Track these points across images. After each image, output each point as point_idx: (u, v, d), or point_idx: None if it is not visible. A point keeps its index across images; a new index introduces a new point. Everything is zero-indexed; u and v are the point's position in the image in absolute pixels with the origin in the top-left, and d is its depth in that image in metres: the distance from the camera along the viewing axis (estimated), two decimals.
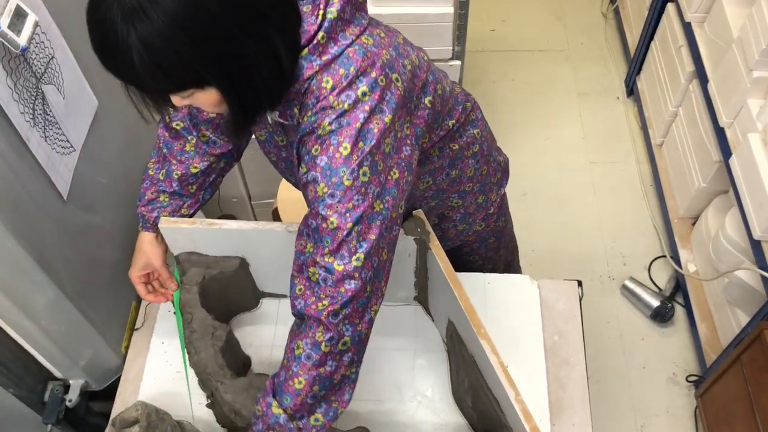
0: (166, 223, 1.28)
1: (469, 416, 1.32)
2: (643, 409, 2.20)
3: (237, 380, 1.24)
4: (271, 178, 2.33)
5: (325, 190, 0.97)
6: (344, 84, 0.97)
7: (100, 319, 1.35)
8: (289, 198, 2.09)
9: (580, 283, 1.53)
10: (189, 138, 1.28)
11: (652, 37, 2.66)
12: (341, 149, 0.96)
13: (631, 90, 2.93)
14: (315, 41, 0.97)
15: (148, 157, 1.57)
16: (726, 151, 1.96)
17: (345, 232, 0.97)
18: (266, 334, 1.47)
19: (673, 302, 2.36)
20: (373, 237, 0.99)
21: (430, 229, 1.26)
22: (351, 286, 0.99)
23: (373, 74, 0.97)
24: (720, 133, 2.01)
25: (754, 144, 1.79)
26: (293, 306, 1.05)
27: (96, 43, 0.88)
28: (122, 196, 1.45)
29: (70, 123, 1.21)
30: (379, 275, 1.03)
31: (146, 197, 1.31)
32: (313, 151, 0.98)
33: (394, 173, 1.02)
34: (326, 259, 0.99)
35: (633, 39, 2.94)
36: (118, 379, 1.43)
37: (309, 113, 0.99)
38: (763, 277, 1.76)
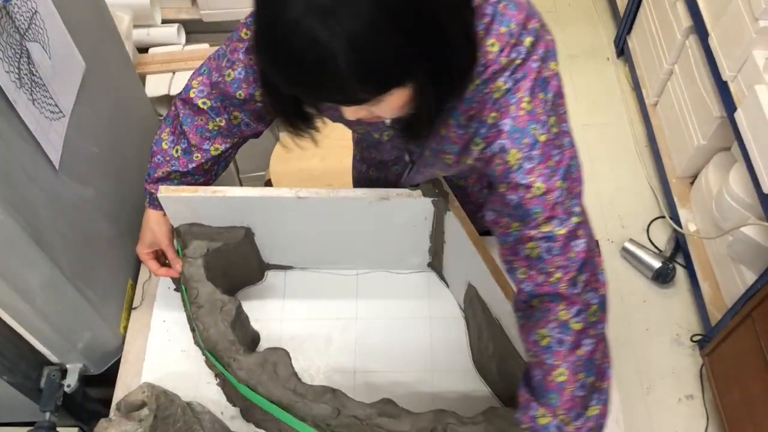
0: (165, 192, 1.20)
1: (494, 383, 1.27)
2: (647, 370, 2.17)
3: (250, 356, 1.16)
4: (259, 150, 2.25)
5: (518, 156, 0.87)
6: (511, 41, 0.86)
7: (98, 299, 1.27)
8: (283, 171, 2.02)
9: (596, 243, 1.48)
10: (216, 118, 1.17)
11: None
12: (524, 105, 0.87)
13: (621, 50, 2.88)
14: (474, 4, 0.85)
15: (138, 127, 1.48)
16: (729, 105, 1.92)
17: (556, 193, 0.88)
18: (273, 308, 1.40)
19: (673, 263, 2.33)
20: (579, 189, 0.91)
21: (448, 189, 1.19)
22: (579, 247, 0.90)
23: (532, 23, 0.88)
24: (722, 87, 1.96)
25: (762, 95, 1.75)
26: (521, 293, 0.94)
27: (288, 63, 0.73)
28: (115, 166, 1.36)
29: (57, 85, 1.11)
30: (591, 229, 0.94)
31: (156, 175, 1.21)
32: (489, 119, 0.89)
33: (567, 116, 0.93)
34: (543, 229, 0.89)
35: None
36: (116, 364, 1.35)
37: (477, 82, 0.88)
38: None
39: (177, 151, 1.20)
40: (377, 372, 1.31)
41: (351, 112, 0.84)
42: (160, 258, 1.30)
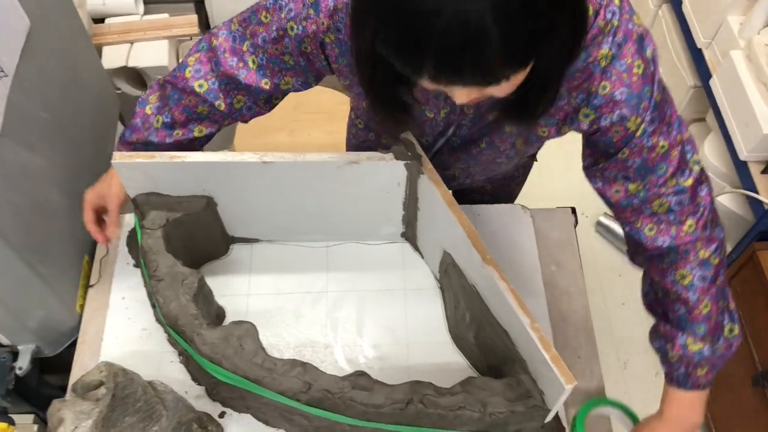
0: (120, 158, 1.12)
1: (471, 354, 1.22)
2: (624, 345, 2.15)
3: (214, 330, 1.09)
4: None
5: (638, 120, 0.89)
6: (603, 2, 0.83)
7: (51, 275, 1.19)
8: (249, 145, 1.94)
9: (573, 210, 1.45)
10: (214, 102, 1.09)
11: None
12: (635, 71, 0.86)
13: None
14: None
15: (93, 97, 1.41)
16: (704, 73, 1.89)
17: (678, 148, 0.92)
18: (239, 283, 1.33)
19: None
20: (689, 134, 0.95)
21: (421, 151, 1.13)
22: (704, 191, 0.96)
23: None
24: (697, 55, 1.93)
25: (738, 61, 1.72)
26: (653, 247, 0.99)
27: (426, 46, 0.65)
28: (67, 135, 1.28)
29: None
30: None
31: (131, 139, 1.14)
32: (600, 89, 0.87)
33: None
34: (671, 184, 0.94)
35: None
36: (73, 346, 1.27)
37: None
38: (750, 198, 1.70)
39: (158, 122, 1.13)
40: (350, 346, 1.25)
41: (464, 95, 0.76)
42: (101, 217, 1.20)
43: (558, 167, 2.52)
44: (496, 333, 1.09)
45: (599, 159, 0.97)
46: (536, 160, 1.43)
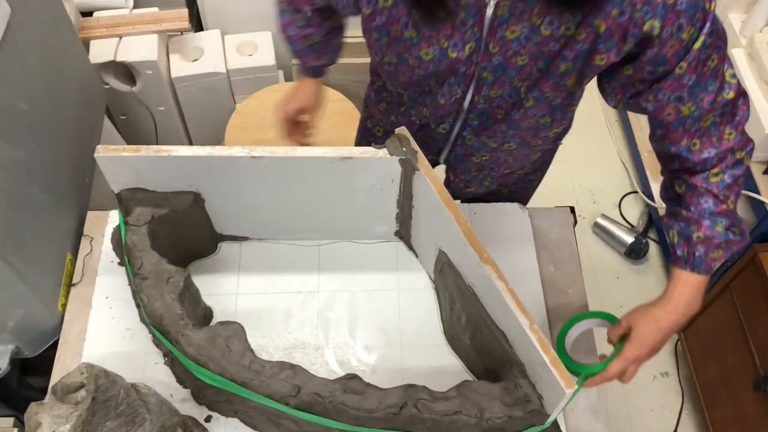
0: (104, 152, 1.08)
1: (466, 356, 1.18)
2: None
3: (200, 331, 1.05)
4: (213, 122, 2.13)
5: (692, 30, 0.87)
6: None
7: (32, 273, 1.14)
8: (241, 140, 1.90)
9: (572, 210, 1.41)
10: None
11: None
12: None
13: None
14: None
15: (78, 91, 1.37)
16: None
17: (726, 61, 0.94)
18: (228, 282, 1.28)
19: (646, 238, 2.27)
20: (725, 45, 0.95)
21: (416, 147, 1.10)
22: (741, 101, 0.97)
23: None
24: None
25: (739, 59, 1.69)
26: (701, 161, 0.98)
27: None
28: (49, 129, 1.23)
29: None
30: None
31: (301, 47, 1.23)
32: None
33: None
34: (719, 100, 0.95)
35: None
36: (56, 346, 1.23)
37: None
38: (751, 199, 1.67)
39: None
40: (341, 348, 1.21)
41: None
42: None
43: (554, 167, 2.48)
44: (494, 335, 1.05)
45: (643, 86, 0.96)
46: (561, 143, 1.38)
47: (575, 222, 1.39)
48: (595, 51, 0.92)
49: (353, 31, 1.13)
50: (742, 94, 0.97)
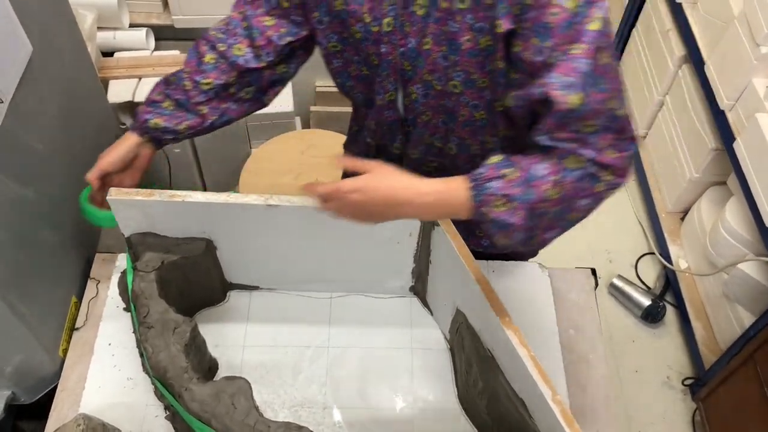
0: (116, 194, 1.05)
1: (481, 423, 1.12)
2: (637, 415, 2.04)
3: (205, 386, 1.00)
4: (228, 168, 2.11)
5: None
6: None
7: (34, 316, 1.11)
8: (254, 187, 1.87)
9: (594, 272, 1.36)
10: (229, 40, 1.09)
11: (633, 25, 2.54)
12: None
13: None
14: None
15: (95, 131, 1.36)
16: (727, 136, 1.83)
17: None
18: (235, 332, 1.24)
19: (663, 301, 2.21)
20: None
21: None
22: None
23: None
24: (719, 117, 1.88)
25: (764, 124, 1.66)
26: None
27: None
28: (62, 168, 1.21)
29: None
30: None
31: (150, 97, 1.12)
32: None
33: None
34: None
35: None
36: (54, 392, 1.18)
37: None
38: None
39: (174, 77, 1.12)
40: (350, 408, 1.15)
41: None
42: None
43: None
44: (512, 403, 1.00)
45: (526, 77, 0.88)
46: None
47: (596, 284, 1.34)
48: (494, 17, 0.88)
49: None
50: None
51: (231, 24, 1.10)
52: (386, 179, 0.90)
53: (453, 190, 0.88)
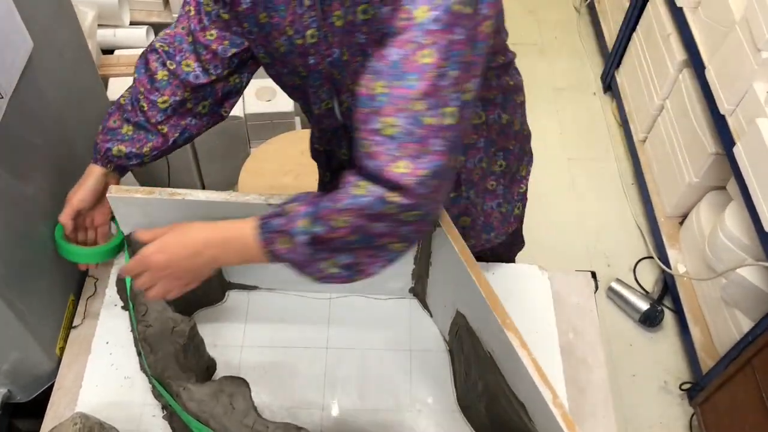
0: (116, 192, 1.05)
1: (480, 426, 1.12)
2: (634, 420, 2.03)
3: (203, 386, 1.00)
4: (227, 168, 2.10)
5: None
6: None
7: (31, 314, 1.10)
8: (253, 187, 1.87)
9: (594, 275, 1.36)
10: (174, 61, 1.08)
11: (634, 29, 2.54)
12: None
13: (609, 86, 2.82)
14: None
15: (94, 127, 1.35)
16: (728, 140, 1.83)
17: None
18: (234, 332, 1.23)
19: (662, 305, 2.21)
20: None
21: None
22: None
23: None
24: (720, 122, 1.88)
25: (764, 129, 1.66)
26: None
27: None
28: (61, 163, 1.20)
29: None
30: None
31: (107, 125, 1.10)
32: None
33: None
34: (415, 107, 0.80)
35: (610, 33, 2.83)
36: (50, 390, 1.17)
37: None
38: None
39: (129, 101, 1.11)
40: (348, 410, 1.15)
41: None
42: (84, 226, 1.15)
43: (569, 228, 2.45)
44: (512, 406, 0.99)
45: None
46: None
47: (596, 288, 1.34)
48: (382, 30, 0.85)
49: None
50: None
51: (176, 40, 1.08)
52: (182, 230, 0.92)
53: (242, 228, 0.87)
